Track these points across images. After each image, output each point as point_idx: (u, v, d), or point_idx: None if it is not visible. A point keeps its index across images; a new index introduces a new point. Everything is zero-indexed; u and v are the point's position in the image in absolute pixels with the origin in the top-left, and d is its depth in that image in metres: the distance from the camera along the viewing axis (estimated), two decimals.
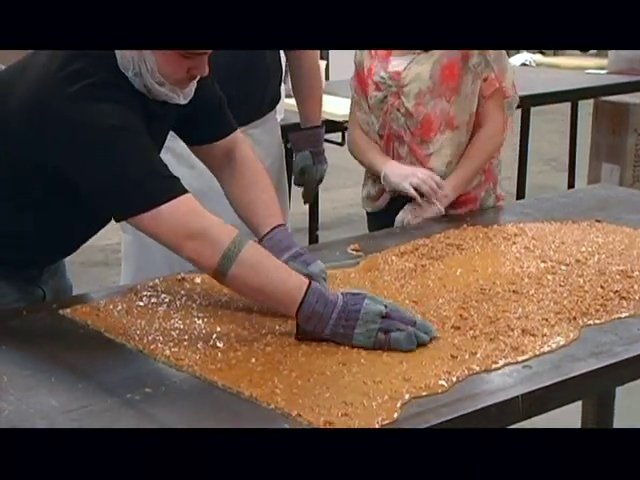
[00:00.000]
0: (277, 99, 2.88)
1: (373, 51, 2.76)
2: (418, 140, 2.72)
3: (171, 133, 2.50)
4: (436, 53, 2.68)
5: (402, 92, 2.70)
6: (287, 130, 3.15)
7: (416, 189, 2.66)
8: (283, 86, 3.71)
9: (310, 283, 1.86)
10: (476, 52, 2.69)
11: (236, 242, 1.85)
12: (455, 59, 2.68)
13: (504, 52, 2.80)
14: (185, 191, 1.90)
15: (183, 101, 2.03)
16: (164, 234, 1.88)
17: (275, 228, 2.14)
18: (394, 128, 2.74)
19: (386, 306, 1.85)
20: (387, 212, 2.78)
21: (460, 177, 2.73)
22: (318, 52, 3.20)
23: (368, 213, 2.91)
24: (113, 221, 2.05)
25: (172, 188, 1.89)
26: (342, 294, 1.86)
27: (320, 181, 3.02)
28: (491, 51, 2.71)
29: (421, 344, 1.84)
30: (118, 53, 1.94)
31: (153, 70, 1.95)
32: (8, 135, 1.98)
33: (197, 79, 2.03)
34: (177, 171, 1.98)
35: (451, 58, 2.68)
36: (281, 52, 2.92)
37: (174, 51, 1.92)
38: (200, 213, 1.89)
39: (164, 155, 2.06)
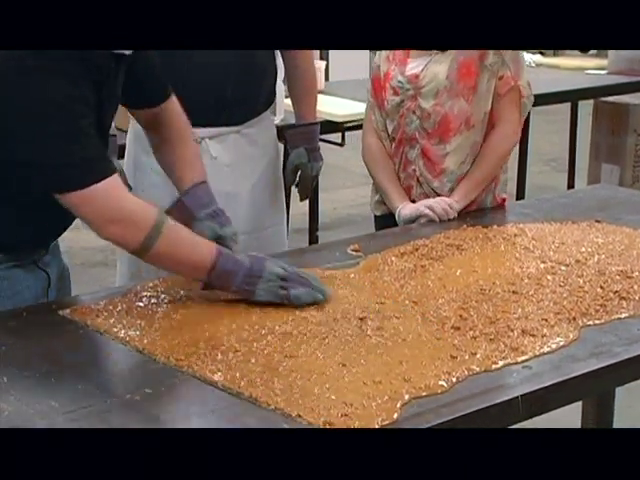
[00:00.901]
0: (272, 99, 2.88)
1: (390, 55, 2.76)
2: (435, 140, 2.72)
3: None
4: (453, 52, 2.68)
5: (420, 94, 2.70)
6: (285, 130, 3.14)
7: (430, 209, 2.67)
8: (283, 86, 3.71)
9: (220, 249, 2.03)
10: (492, 51, 2.69)
11: (156, 226, 1.95)
12: (471, 58, 2.68)
13: (521, 52, 2.79)
14: (113, 172, 1.95)
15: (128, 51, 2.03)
16: (86, 216, 1.97)
17: (197, 185, 2.22)
18: (407, 132, 2.74)
19: (286, 270, 2.04)
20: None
21: (472, 181, 2.73)
22: (314, 51, 3.20)
23: (376, 216, 2.91)
24: None
25: (99, 170, 1.94)
26: (248, 256, 2.05)
27: (316, 177, 3.00)
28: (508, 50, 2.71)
29: (317, 302, 2.03)
30: None
31: None
32: None
33: None
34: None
35: (467, 57, 2.68)
36: (277, 52, 2.92)
37: None
38: (122, 197, 1.97)
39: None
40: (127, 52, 2.04)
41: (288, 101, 4.00)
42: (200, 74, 2.61)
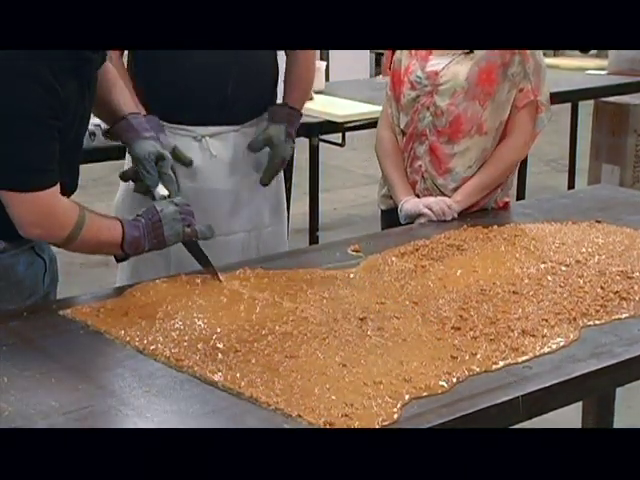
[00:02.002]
0: (274, 99, 2.87)
1: (413, 50, 2.77)
2: (444, 139, 2.72)
3: (168, 134, 2.52)
4: (476, 55, 2.68)
5: (437, 91, 2.71)
6: (270, 106, 3.08)
7: (429, 208, 2.67)
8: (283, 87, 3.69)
9: (121, 221, 2.16)
10: (516, 61, 2.69)
11: (78, 222, 2.07)
12: (494, 64, 2.68)
13: (544, 65, 2.79)
14: (53, 184, 2.05)
15: None
16: (18, 212, 2.05)
17: (138, 113, 2.37)
18: (418, 127, 2.75)
19: (176, 204, 2.20)
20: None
21: (477, 184, 2.73)
22: (316, 53, 3.16)
23: (382, 211, 2.92)
24: None
25: (42, 180, 2.04)
26: (140, 215, 2.18)
27: (284, 162, 2.89)
28: (531, 62, 2.71)
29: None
30: None
31: None
32: None
33: None
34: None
35: (490, 62, 2.68)
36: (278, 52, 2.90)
37: None
38: (53, 204, 2.07)
39: None
40: None
41: None
42: (200, 74, 2.61)
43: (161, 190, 2.27)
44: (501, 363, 1.81)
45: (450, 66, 2.71)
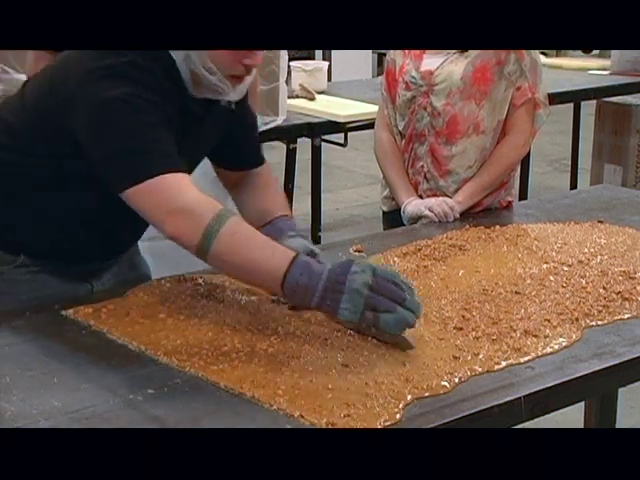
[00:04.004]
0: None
1: (407, 49, 2.76)
2: (443, 140, 2.72)
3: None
4: (471, 54, 2.68)
5: (432, 91, 2.71)
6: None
7: (430, 210, 2.67)
8: (285, 86, 3.71)
9: (296, 256, 1.79)
10: (512, 59, 2.69)
11: (219, 217, 1.80)
12: (489, 63, 2.68)
13: (540, 62, 2.79)
14: (178, 169, 1.86)
15: (234, 97, 1.99)
16: (147, 210, 1.86)
17: (281, 217, 2.11)
18: (417, 128, 2.75)
19: (375, 273, 1.77)
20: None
21: (478, 184, 2.73)
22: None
23: (384, 212, 2.92)
24: None
25: (159, 164, 1.85)
26: (330, 265, 1.80)
27: None
28: (527, 59, 2.71)
29: (409, 326, 1.79)
30: None
31: (203, 56, 1.92)
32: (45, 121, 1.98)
33: (251, 74, 1.99)
34: None
35: (485, 61, 2.68)
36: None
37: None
38: (184, 190, 1.83)
39: None
40: (219, 100, 2.00)
41: (290, 101, 4.00)
42: None
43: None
44: (503, 363, 1.81)
45: (445, 65, 2.70)
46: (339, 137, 4.46)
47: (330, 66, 5.69)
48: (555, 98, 4.89)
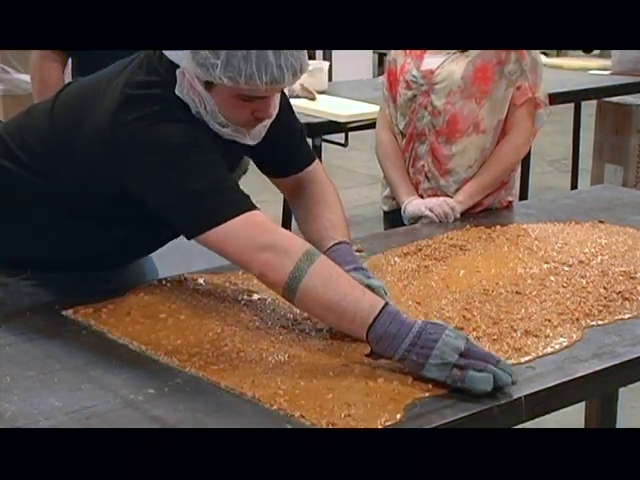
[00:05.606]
0: None
1: (408, 50, 2.76)
2: (443, 139, 2.73)
3: None
4: (471, 54, 2.68)
5: (433, 90, 2.71)
6: None
7: (431, 210, 2.67)
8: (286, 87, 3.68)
9: (386, 303, 1.75)
10: (512, 59, 2.69)
11: (308, 255, 1.78)
12: (489, 62, 2.68)
13: (540, 62, 2.78)
14: (253, 207, 1.85)
15: (251, 142, 1.98)
16: (233, 250, 1.83)
17: (339, 243, 2.07)
18: (417, 127, 2.75)
19: (467, 340, 1.71)
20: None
21: (479, 184, 2.73)
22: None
23: (385, 212, 2.92)
24: None
25: (239, 203, 1.84)
26: (422, 321, 1.74)
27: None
28: (527, 59, 2.71)
29: (501, 386, 1.67)
30: (179, 92, 1.90)
31: (214, 111, 1.91)
32: (82, 161, 1.96)
33: (267, 121, 1.98)
34: None
35: (485, 60, 2.68)
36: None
37: (232, 94, 1.88)
38: (269, 227, 1.83)
39: None
40: (251, 143, 2.00)
41: (291, 101, 3.98)
42: None
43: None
44: None
45: (445, 64, 2.71)
46: (340, 137, 4.45)
47: (331, 66, 5.69)
48: (556, 98, 4.90)
